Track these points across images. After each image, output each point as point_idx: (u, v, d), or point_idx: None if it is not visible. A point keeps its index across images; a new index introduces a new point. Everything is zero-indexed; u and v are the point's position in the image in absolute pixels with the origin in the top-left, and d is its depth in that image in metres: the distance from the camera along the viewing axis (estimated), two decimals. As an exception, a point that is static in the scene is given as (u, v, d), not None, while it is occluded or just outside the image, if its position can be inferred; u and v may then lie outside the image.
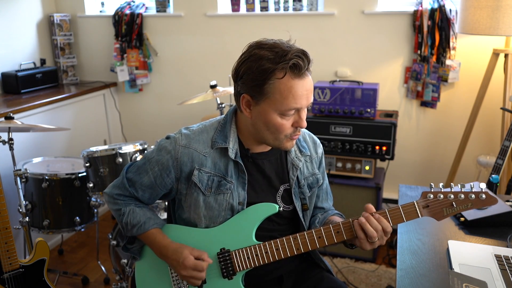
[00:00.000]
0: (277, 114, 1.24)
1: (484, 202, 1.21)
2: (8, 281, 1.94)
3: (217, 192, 1.34)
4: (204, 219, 1.36)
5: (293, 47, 1.22)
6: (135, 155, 2.42)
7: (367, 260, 2.76)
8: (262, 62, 1.21)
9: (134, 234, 1.40)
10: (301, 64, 1.19)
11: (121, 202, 1.42)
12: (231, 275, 1.34)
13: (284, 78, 1.20)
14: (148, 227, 1.39)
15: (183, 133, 1.38)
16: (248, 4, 3.12)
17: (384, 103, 2.93)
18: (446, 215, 1.23)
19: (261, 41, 1.26)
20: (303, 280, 1.48)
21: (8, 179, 2.56)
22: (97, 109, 3.49)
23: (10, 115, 2.23)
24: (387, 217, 1.25)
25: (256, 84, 1.23)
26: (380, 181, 2.67)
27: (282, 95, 1.21)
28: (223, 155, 1.35)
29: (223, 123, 1.39)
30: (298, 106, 1.23)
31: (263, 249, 1.32)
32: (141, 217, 1.40)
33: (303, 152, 1.45)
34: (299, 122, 1.27)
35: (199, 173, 1.34)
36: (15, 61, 3.22)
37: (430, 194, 1.24)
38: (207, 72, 3.29)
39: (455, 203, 1.22)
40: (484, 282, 1.10)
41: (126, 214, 1.40)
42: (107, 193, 1.45)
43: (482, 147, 2.80)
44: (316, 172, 1.48)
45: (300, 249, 1.31)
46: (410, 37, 2.80)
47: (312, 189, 1.46)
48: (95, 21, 3.52)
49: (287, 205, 1.43)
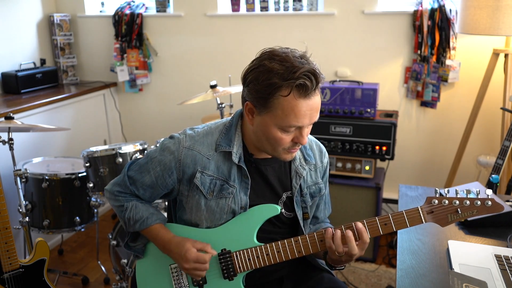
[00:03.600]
0: (277, 128, 1.22)
1: (490, 210, 1.19)
2: (8, 281, 1.94)
3: (219, 196, 1.33)
4: (205, 222, 1.36)
5: (304, 64, 1.17)
6: (135, 155, 2.42)
7: (367, 260, 2.76)
8: (269, 76, 1.17)
9: (136, 230, 1.40)
10: (308, 85, 1.15)
11: (122, 199, 1.41)
12: (231, 276, 1.34)
13: (288, 96, 1.17)
14: (151, 222, 1.38)
15: (188, 134, 1.36)
16: (248, 4, 3.12)
17: (384, 103, 2.93)
18: (450, 221, 1.21)
19: (273, 51, 1.21)
20: (303, 281, 1.48)
21: (8, 179, 2.56)
22: (97, 109, 3.49)
23: (10, 115, 2.23)
24: (390, 221, 1.24)
25: (260, 96, 1.20)
26: (380, 181, 2.67)
27: (284, 112, 1.19)
28: (226, 159, 1.34)
29: (229, 126, 1.37)
30: (299, 124, 1.21)
31: (264, 251, 1.32)
32: (144, 212, 1.39)
33: (308, 160, 1.43)
34: (299, 138, 1.25)
35: (202, 176, 1.32)
36: (15, 61, 3.22)
37: (435, 200, 1.22)
38: (207, 72, 3.29)
39: (460, 209, 1.20)
40: (484, 282, 1.10)
41: (129, 209, 1.39)
42: (108, 190, 1.44)
43: (482, 147, 2.80)
44: (319, 182, 1.46)
45: (302, 251, 1.31)
46: (410, 37, 2.80)
47: (314, 198, 1.45)
48: (95, 21, 3.52)
49: (288, 212, 1.42)
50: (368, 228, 1.25)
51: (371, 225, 1.25)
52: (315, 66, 1.19)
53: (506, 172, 2.40)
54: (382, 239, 3.01)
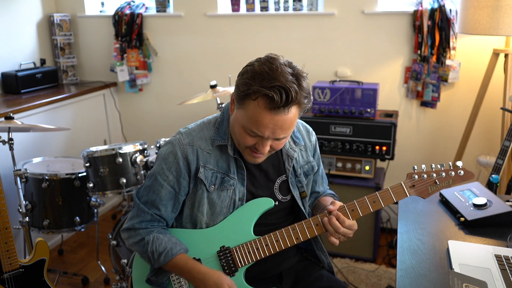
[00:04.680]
0: (242, 127, 1.26)
1: (463, 178, 1.34)
2: (8, 281, 1.94)
3: (221, 188, 1.36)
4: (205, 217, 1.37)
5: (286, 81, 1.16)
6: (135, 155, 2.42)
7: (367, 260, 2.76)
8: (251, 76, 1.20)
9: (161, 263, 1.33)
10: (276, 100, 1.15)
11: (143, 231, 1.36)
12: (233, 271, 1.36)
13: (255, 101, 1.19)
14: (175, 252, 1.33)
15: (183, 132, 1.38)
16: (248, 4, 3.12)
17: (384, 103, 2.93)
18: (431, 192, 1.36)
19: (273, 59, 1.22)
20: (303, 278, 1.49)
21: (8, 179, 2.56)
22: (97, 109, 3.49)
23: (10, 115, 2.23)
24: (378, 199, 1.34)
25: (239, 92, 1.24)
26: (380, 181, 2.67)
27: (248, 115, 1.22)
28: (223, 152, 1.37)
29: (220, 121, 1.40)
30: (259, 133, 1.23)
31: (263, 242, 1.35)
32: (167, 243, 1.34)
33: (297, 142, 1.47)
34: (259, 145, 1.27)
35: (205, 170, 1.35)
36: (15, 61, 3.22)
37: (414, 175, 1.36)
38: (207, 72, 3.29)
39: (438, 180, 1.35)
40: (484, 282, 1.10)
41: (151, 242, 1.34)
42: (126, 228, 1.39)
43: (482, 147, 2.80)
44: (311, 160, 1.51)
45: (300, 237, 1.35)
46: (410, 37, 2.80)
47: (308, 177, 1.50)
48: (95, 21, 3.52)
49: (284, 196, 1.45)
50: (358, 206, 1.35)
51: (361, 203, 1.35)
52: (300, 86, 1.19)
53: (506, 172, 2.40)
54: (382, 239, 3.01)
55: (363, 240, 2.73)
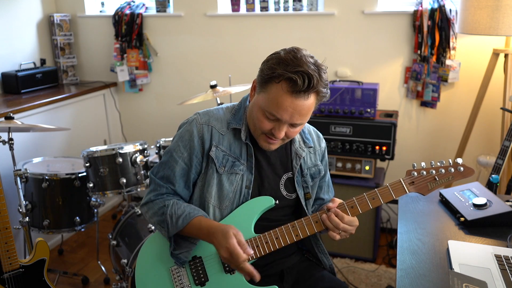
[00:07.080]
0: (261, 110, 1.31)
1: (463, 174, 1.34)
2: (8, 281, 1.94)
3: (230, 171, 1.39)
4: (213, 199, 1.40)
5: (306, 66, 1.24)
6: (135, 155, 2.42)
7: (367, 260, 2.76)
8: (277, 62, 1.26)
9: (179, 227, 1.34)
10: (298, 83, 1.22)
11: (160, 200, 1.41)
12: (233, 269, 1.36)
13: (278, 84, 1.25)
14: (193, 215, 1.35)
15: (201, 112, 1.45)
16: (248, 4, 3.12)
17: (384, 103, 2.93)
18: (431, 189, 1.35)
19: (298, 49, 1.30)
20: (304, 278, 1.49)
21: (8, 179, 2.56)
22: (97, 109, 3.49)
23: (10, 115, 2.23)
24: (378, 196, 1.34)
25: (263, 76, 1.29)
26: (380, 181, 2.67)
27: (270, 97, 1.27)
28: (237, 137, 1.41)
29: (238, 108, 1.46)
30: (278, 116, 1.28)
31: (263, 239, 1.36)
32: (186, 207, 1.38)
33: (306, 143, 1.51)
34: (275, 130, 1.31)
35: (217, 150, 1.39)
36: (15, 61, 3.22)
37: (414, 172, 1.36)
38: (207, 72, 3.29)
39: (437, 177, 1.34)
40: (484, 282, 1.10)
41: (170, 206, 1.38)
42: (144, 203, 1.44)
43: (482, 147, 2.80)
44: (319, 164, 1.54)
45: (299, 235, 1.36)
46: (410, 37, 2.80)
47: (314, 179, 1.52)
48: (95, 21, 3.52)
49: (290, 194, 1.47)
50: (357, 203, 1.36)
51: (361, 200, 1.36)
52: (320, 76, 1.26)
53: (506, 172, 2.40)
54: (382, 239, 3.01)
55: (363, 240, 2.73)
